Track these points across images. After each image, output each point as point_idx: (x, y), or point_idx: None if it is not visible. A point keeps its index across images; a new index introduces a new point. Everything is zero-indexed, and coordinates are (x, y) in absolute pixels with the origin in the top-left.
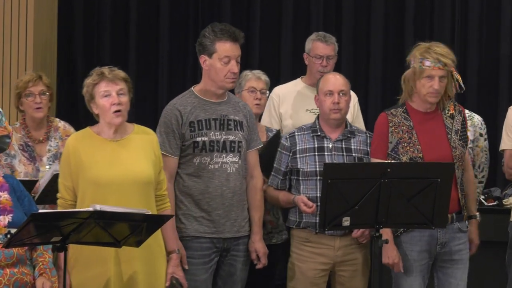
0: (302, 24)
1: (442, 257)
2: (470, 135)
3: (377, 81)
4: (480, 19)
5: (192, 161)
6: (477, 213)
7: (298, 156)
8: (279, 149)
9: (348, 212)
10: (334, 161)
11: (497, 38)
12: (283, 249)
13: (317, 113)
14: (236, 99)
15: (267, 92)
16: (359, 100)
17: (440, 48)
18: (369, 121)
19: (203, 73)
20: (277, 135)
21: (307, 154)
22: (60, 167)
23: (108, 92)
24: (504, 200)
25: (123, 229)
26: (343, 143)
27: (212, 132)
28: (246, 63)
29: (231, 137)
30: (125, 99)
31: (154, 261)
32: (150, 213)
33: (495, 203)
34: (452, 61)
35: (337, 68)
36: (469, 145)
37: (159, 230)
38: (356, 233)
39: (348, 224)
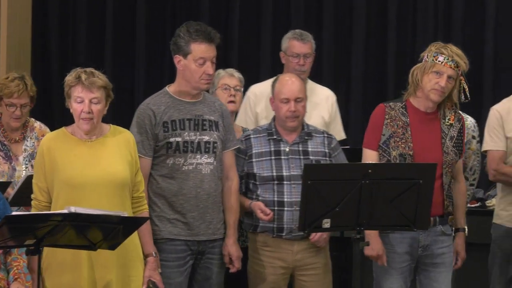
0: (283, 22)
1: (424, 260)
2: None
3: (358, 80)
4: (463, 19)
5: (166, 162)
6: (465, 227)
7: (254, 160)
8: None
9: (328, 214)
10: (291, 165)
11: (481, 39)
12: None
13: None
14: (212, 98)
15: (242, 89)
16: (340, 98)
17: (458, 50)
18: (351, 119)
19: (177, 73)
20: None
21: (263, 158)
22: (34, 167)
23: (81, 99)
24: (487, 202)
25: (98, 231)
26: (300, 146)
27: (186, 133)
28: (225, 62)
29: (206, 138)
30: (97, 107)
31: (130, 265)
32: (126, 215)
33: (478, 204)
34: (465, 64)
35: (319, 67)
36: None
37: (136, 233)
38: (314, 237)
39: (329, 226)
